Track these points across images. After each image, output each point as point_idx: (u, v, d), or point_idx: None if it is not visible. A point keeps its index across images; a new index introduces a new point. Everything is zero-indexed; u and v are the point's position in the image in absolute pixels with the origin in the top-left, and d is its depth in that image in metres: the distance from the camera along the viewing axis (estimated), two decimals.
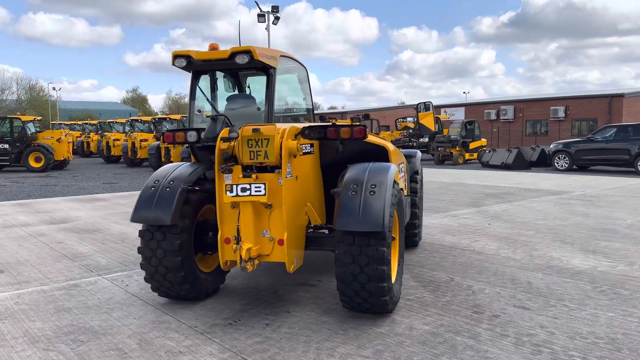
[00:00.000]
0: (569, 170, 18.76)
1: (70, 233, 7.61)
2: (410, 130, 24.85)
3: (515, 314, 4.03)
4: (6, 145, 20.19)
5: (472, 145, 23.30)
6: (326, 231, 4.26)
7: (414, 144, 6.47)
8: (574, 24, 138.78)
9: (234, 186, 3.77)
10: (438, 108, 41.02)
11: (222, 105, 4.97)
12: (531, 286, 4.73)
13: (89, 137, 32.01)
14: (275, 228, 3.84)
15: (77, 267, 5.67)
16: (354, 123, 4.40)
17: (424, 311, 4.13)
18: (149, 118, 27.53)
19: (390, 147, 4.66)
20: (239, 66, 4.52)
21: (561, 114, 34.73)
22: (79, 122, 38.83)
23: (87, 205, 10.70)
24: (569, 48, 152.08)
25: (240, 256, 3.72)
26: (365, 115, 6.27)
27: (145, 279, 4.26)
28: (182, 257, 4.09)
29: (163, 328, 3.86)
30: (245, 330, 3.78)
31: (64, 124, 38.99)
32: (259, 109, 4.75)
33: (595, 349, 3.38)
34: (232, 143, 3.87)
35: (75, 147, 31.14)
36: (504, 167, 19.70)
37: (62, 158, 21.35)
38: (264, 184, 3.74)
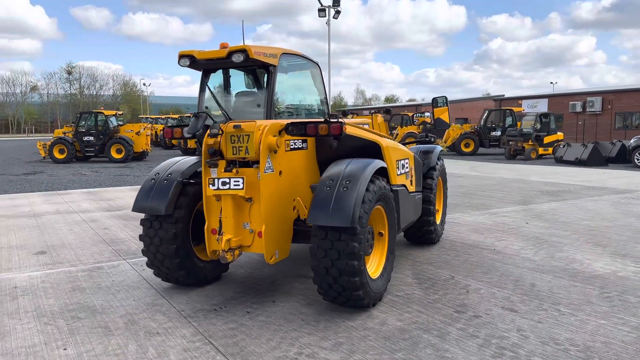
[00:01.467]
0: None
1: (118, 220, 8.23)
2: (427, 125, 23.98)
3: (498, 316, 3.93)
4: (91, 138, 21.89)
5: (546, 140, 22.15)
6: None
7: (432, 139, 6.27)
8: None
9: (216, 180, 3.98)
10: (512, 100, 39.21)
11: (233, 102, 5.18)
12: (533, 288, 4.56)
13: None
14: (255, 220, 4.00)
15: (110, 251, 6.17)
16: (331, 120, 4.41)
17: (406, 307, 4.13)
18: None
19: (384, 143, 4.65)
20: (236, 64, 4.70)
21: None
22: (162, 117, 41.07)
23: None
24: None
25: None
26: (387, 110, 6.18)
27: (147, 265, 4.59)
28: (177, 245, 4.36)
29: (154, 310, 4.15)
30: (225, 317, 3.98)
31: (150, 118, 41.46)
32: (259, 105, 4.91)
33: (562, 356, 3.25)
34: (218, 139, 4.07)
35: (158, 140, 33.10)
36: (578, 163, 18.57)
37: (141, 150, 22.79)
38: (243, 178, 3.91)
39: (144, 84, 63.40)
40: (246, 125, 3.96)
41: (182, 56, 4.76)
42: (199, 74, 4.99)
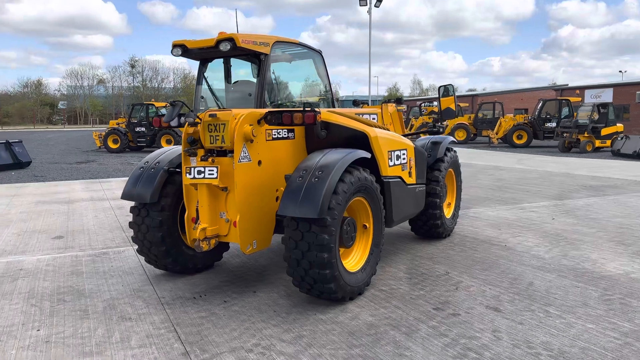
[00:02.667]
0: None
1: None
2: (435, 115, 22.94)
3: (478, 315, 3.73)
4: (142, 128, 22.69)
5: (604, 132, 20.93)
6: None
7: (440, 129, 5.97)
8: None
9: (192, 169, 4.00)
10: (574, 90, 37.30)
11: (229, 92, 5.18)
12: (528, 288, 4.30)
13: None
14: (231, 210, 3.99)
15: (121, 237, 6.35)
16: (306, 108, 4.29)
17: (385, 302, 4.00)
18: None
19: (373, 132, 4.50)
20: (225, 53, 4.69)
21: None
22: None
23: None
24: None
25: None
26: (398, 99, 5.94)
27: (137, 252, 4.68)
28: (162, 233, 4.43)
29: (136, 296, 4.24)
30: (201, 305, 4.00)
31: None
32: (250, 94, 4.89)
33: None
34: (198, 128, 4.07)
35: None
36: (636, 156, 17.42)
37: None
38: (217, 167, 3.90)
39: None
40: (222, 114, 3.94)
41: (174, 46, 4.79)
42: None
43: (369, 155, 4.26)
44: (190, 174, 4.01)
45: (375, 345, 3.27)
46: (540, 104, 24.84)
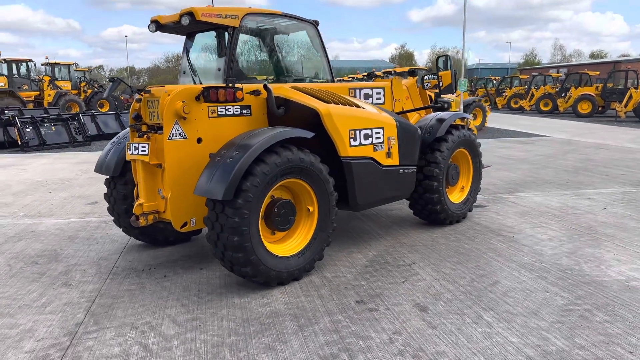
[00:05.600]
0: None
1: None
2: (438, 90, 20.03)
3: (396, 313, 3.39)
4: None
5: None
6: None
7: (445, 104, 5.21)
8: None
9: (131, 145, 4.07)
10: None
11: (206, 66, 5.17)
12: (486, 288, 3.81)
13: None
14: (165, 187, 4.02)
15: None
16: (229, 85, 4.03)
17: (312, 291, 3.80)
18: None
19: (325, 109, 4.18)
20: (190, 28, 4.66)
21: None
22: (351, 76, 41.51)
23: None
24: None
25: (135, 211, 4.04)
26: (410, 71, 5.25)
27: (113, 222, 4.93)
28: (126, 206, 4.61)
29: (96, 264, 4.49)
30: (140, 277, 4.13)
31: None
32: (219, 69, 4.81)
33: None
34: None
35: None
36: None
37: None
38: (148, 144, 3.94)
39: None
40: (156, 90, 3.95)
41: (151, 22, 4.87)
42: (392, 35, 4.97)
43: (309, 135, 4.01)
44: (129, 149, 4.10)
45: (256, 335, 3.13)
46: None
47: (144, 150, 3.97)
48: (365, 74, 6.21)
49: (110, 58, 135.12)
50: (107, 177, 4.73)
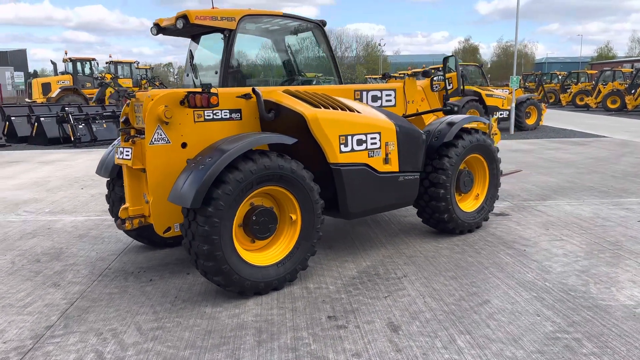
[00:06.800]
0: None
1: None
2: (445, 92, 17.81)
3: (365, 332, 3.22)
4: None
5: None
6: None
7: (455, 107, 4.80)
8: None
9: (119, 149, 4.10)
10: None
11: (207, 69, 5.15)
12: (473, 307, 3.55)
13: None
14: (148, 192, 4.02)
15: None
16: (204, 90, 3.90)
17: (288, 303, 3.68)
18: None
19: (312, 114, 4.01)
20: (185, 31, 4.64)
21: None
22: (373, 77, 40.79)
23: None
24: None
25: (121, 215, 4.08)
26: (425, 72, 4.85)
27: (115, 222, 5.00)
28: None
29: (91, 264, 4.57)
30: (125, 281, 4.17)
31: (371, 77, 42.15)
32: (216, 72, 4.77)
33: None
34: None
35: None
36: None
37: None
38: (131, 148, 3.95)
39: (379, 44, 65.11)
40: (140, 95, 3.96)
41: (153, 25, 4.91)
42: (459, 29, 4.97)
43: (290, 141, 3.88)
44: (117, 153, 4.13)
45: (212, 349, 3.05)
46: None
47: (128, 155, 3.98)
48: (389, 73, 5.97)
49: (180, 55, 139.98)
50: (108, 179, 4.81)
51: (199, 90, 3.87)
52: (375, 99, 5.26)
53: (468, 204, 5.38)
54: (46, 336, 3.25)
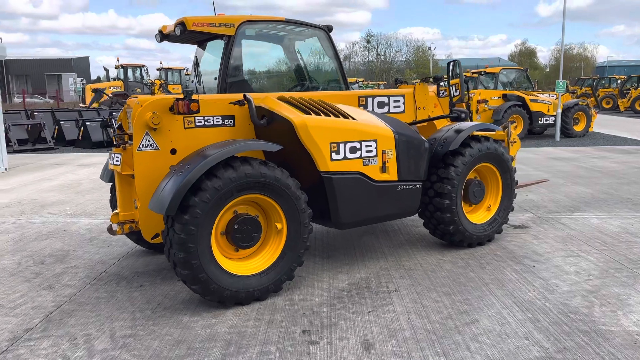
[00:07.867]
0: None
1: None
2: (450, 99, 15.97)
3: (335, 350, 3.08)
4: None
5: None
6: None
7: (463, 114, 4.49)
8: None
9: (112, 155, 4.15)
10: None
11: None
12: (461, 327, 3.34)
13: None
14: (137, 198, 4.03)
15: None
16: (185, 96, 3.81)
17: (267, 315, 3.59)
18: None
19: (300, 121, 3.89)
20: (183, 37, 4.66)
21: None
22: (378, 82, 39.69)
23: None
24: None
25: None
26: (435, 77, 4.60)
27: None
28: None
29: (90, 268, 4.65)
30: (115, 286, 4.20)
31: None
32: (215, 78, 4.75)
33: None
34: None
35: None
36: None
37: None
38: (120, 154, 3.98)
39: (429, 48, 64.00)
40: (130, 101, 3.98)
41: (158, 32, 4.96)
42: (518, 31, 5.00)
43: (274, 148, 3.80)
44: (110, 159, 4.18)
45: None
46: None
47: (117, 161, 4.02)
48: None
49: None
50: (110, 185, 4.89)
51: (180, 96, 3.85)
52: (382, 105, 5.11)
53: (479, 216, 5.12)
54: (23, 339, 3.30)
